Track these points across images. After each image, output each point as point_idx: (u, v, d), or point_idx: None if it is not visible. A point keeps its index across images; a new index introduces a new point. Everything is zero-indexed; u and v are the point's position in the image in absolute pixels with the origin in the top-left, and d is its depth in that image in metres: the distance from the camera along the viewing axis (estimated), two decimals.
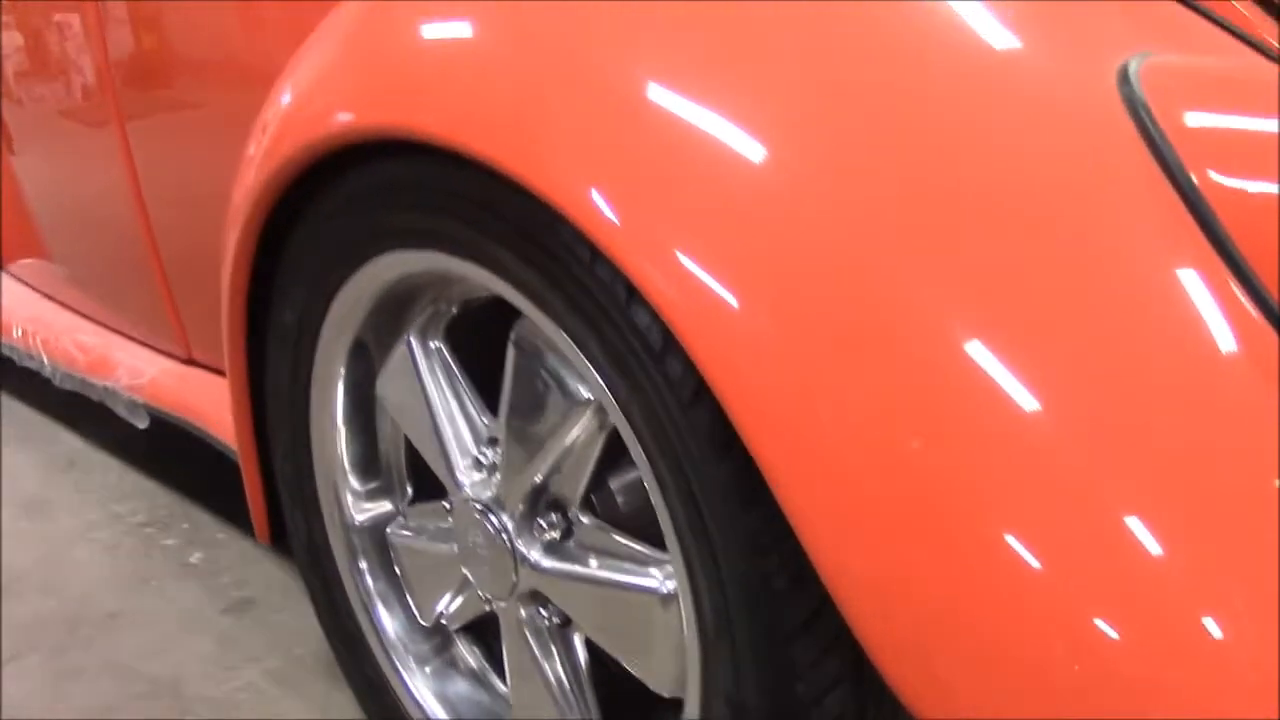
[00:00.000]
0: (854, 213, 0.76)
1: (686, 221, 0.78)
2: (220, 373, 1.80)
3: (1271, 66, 0.86)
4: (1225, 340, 0.72)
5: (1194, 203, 0.76)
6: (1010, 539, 0.69)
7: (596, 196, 0.80)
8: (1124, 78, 0.81)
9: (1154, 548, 0.67)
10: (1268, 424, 0.71)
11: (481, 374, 1.12)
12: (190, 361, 1.87)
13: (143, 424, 1.90)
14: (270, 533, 1.41)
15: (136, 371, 1.91)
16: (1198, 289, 0.74)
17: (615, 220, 0.80)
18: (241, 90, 1.48)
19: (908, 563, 0.71)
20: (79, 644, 1.65)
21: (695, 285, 0.76)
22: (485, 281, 0.98)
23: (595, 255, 0.83)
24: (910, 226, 0.75)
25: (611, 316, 0.85)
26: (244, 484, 1.39)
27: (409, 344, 1.14)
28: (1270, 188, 0.76)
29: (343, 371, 1.19)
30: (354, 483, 1.29)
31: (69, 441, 2.28)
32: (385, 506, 1.29)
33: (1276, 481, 0.69)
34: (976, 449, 0.70)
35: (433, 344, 1.13)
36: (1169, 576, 0.68)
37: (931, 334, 0.72)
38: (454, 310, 1.12)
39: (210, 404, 1.72)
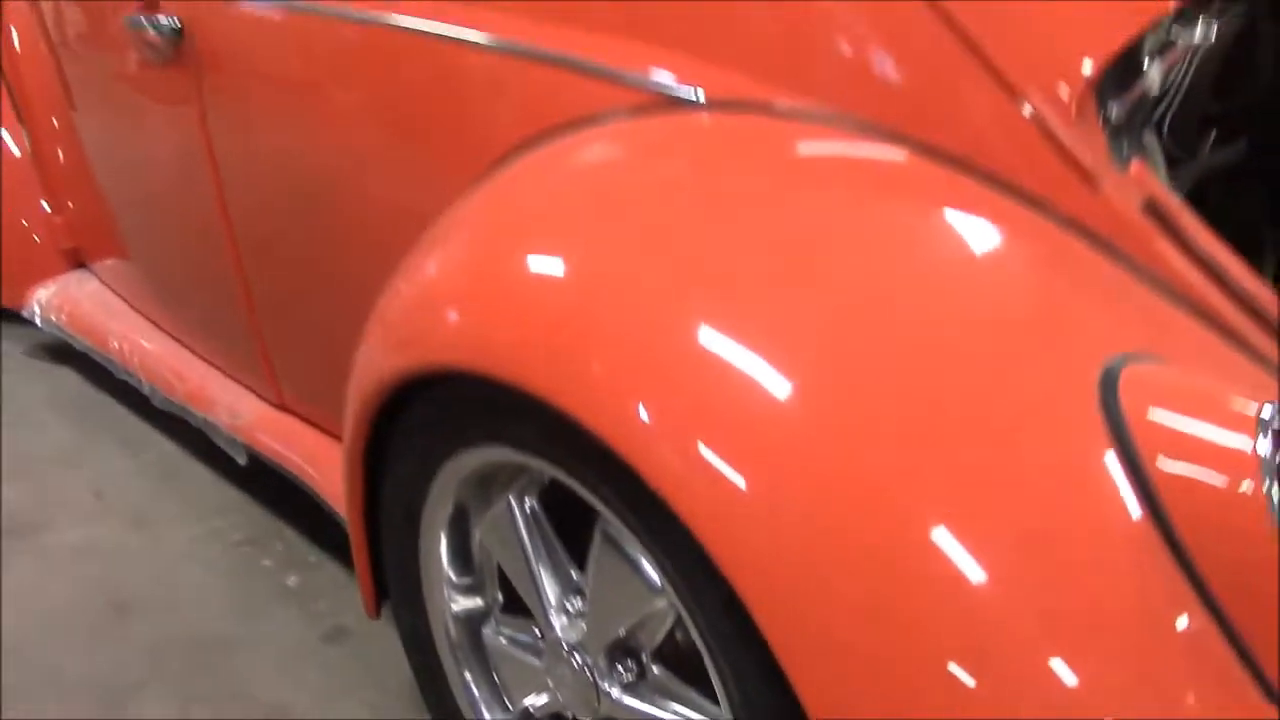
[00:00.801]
0: (851, 435, 0.97)
1: (713, 446, 0.98)
2: (312, 424, 2.03)
3: (1236, 383, 1.04)
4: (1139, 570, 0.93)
5: (1141, 480, 0.96)
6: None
7: (633, 428, 1.01)
8: (1108, 373, 1.01)
9: None
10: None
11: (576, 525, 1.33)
12: (282, 406, 2.09)
13: (241, 460, 2.13)
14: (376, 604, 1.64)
15: (235, 411, 2.13)
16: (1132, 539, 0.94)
17: (649, 446, 1.01)
18: (337, 173, 1.68)
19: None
20: (200, 670, 1.91)
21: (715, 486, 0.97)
22: (560, 477, 1.20)
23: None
24: (901, 460, 0.96)
25: (659, 527, 1.06)
26: (354, 561, 1.62)
27: (508, 502, 1.35)
28: (1208, 475, 0.96)
29: (448, 517, 1.41)
30: (451, 575, 1.52)
31: (165, 447, 2.52)
32: (478, 602, 1.52)
33: None
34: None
35: (529, 504, 1.35)
36: None
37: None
38: (546, 480, 1.34)
39: (309, 458, 1.95)
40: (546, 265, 1.18)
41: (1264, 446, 0.91)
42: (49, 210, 2.82)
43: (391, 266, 1.39)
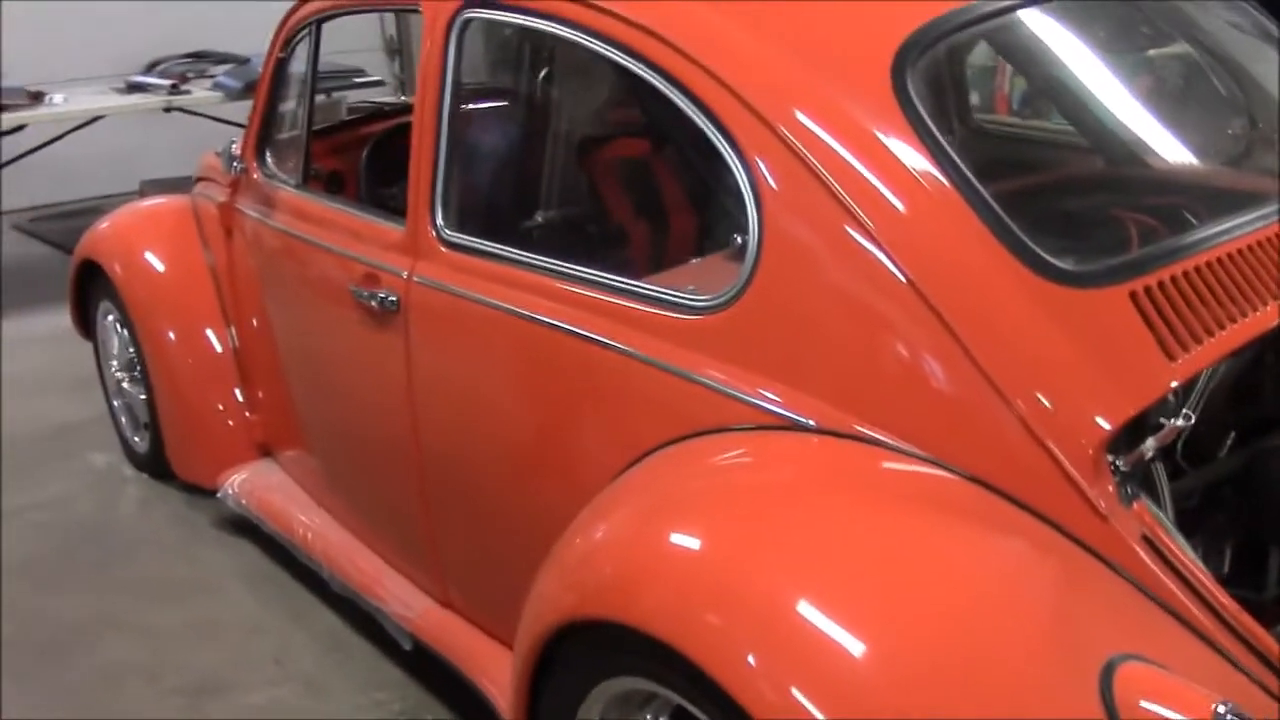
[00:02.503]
0: (908, 694, 1.35)
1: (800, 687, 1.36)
2: (473, 623, 2.44)
3: (1207, 681, 1.41)
4: None
5: None
6: None
7: (741, 670, 1.40)
8: (1107, 667, 1.38)
9: None
10: None
11: None
12: (447, 605, 2.51)
13: (407, 646, 2.55)
14: None
15: (405, 604, 2.56)
16: None
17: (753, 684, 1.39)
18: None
19: None
20: None
21: None
22: (684, 704, 1.58)
23: None
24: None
25: None
26: None
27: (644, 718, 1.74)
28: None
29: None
30: None
31: (331, 619, 2.94)
32: None
33: None
34: None
35: None
36: None
37: None
38: (674, 704, 1.72)
39: (468, 653, 2.36)
40: (684, 544, 1.59)
41: None
42: (243, 404, 3.33)
43: (550, 512, 1.83)
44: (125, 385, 3.74)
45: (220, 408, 3.36)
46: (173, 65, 6.29)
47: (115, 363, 3.78)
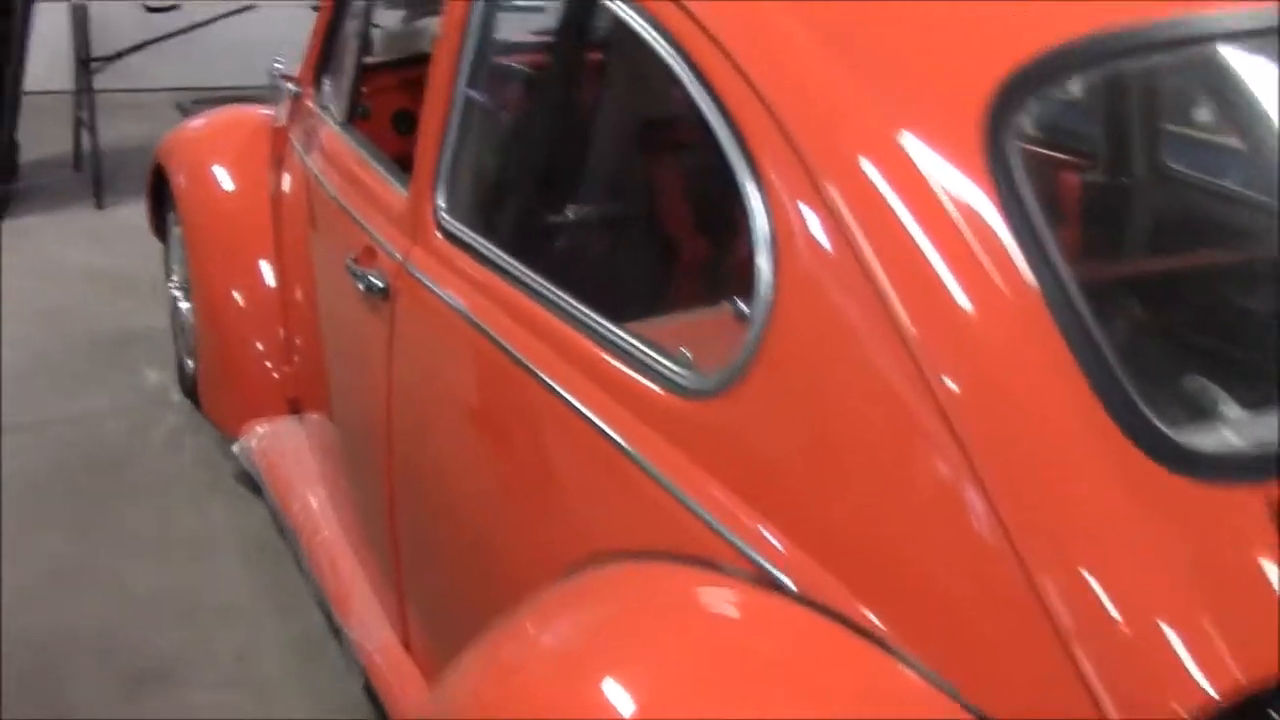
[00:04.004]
0: None
1: None
2: (429, 675, 2.04)
3: None
4: None
5: None
6: None
7: None
8: None
9: None
10: None
11: None
12: (406, 644, 2.12)
13: (357, 683, 2.17)
14: None
15: (367, 632, 2.18)
16: None
17: None
18: None
19: None
20: None
21: None
22: None
23: None
24: None
25: None
26: None
27: None
28: None
29: None
30: None
31: (315, 619, 2.59)
32: None
33: None
34: None
35: None
36: None
37: None
38: None
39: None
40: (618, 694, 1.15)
41: None
42: (282, 350, 2.98)
43: (505, 569, 1.49)
44: (181, 304, 3.45)
45: (259, 348, 3.01)
46: None
47: (176, 279, 3.50)
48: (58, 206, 5.11)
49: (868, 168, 1.20)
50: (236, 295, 3.05)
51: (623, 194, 2.13)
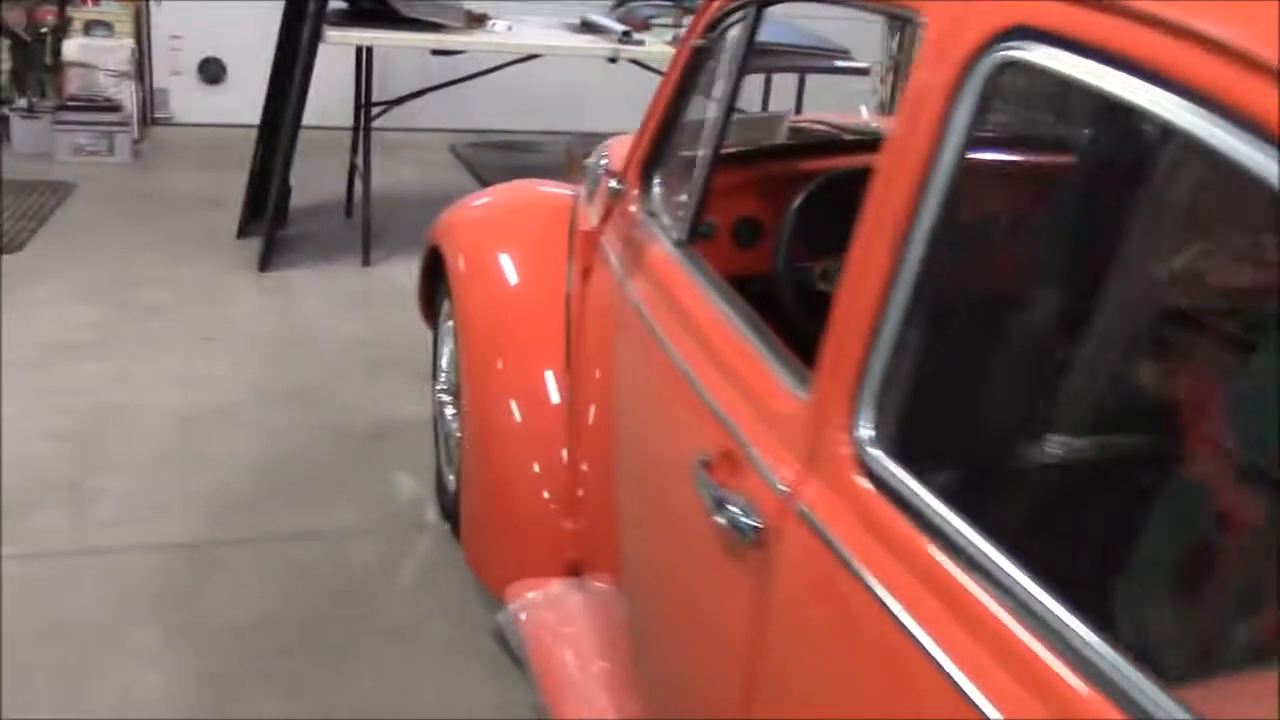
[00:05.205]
0: None
1: None
2: None
3: None
4: None
5: None
6: None
7: None
8: None
9: None
10: None
11: None
12: None
13: None
14: None
15: None
16: None
17: None
18: None
19: None
20: None
21: None
22: None
23: None
24: None
25: None
26: None
27: None
28: None
29: None
30: None
31: None
32: None
33: None
34: None
35: None
36: None
37: None
38: None
39: None
40: None
41: None
42: (565, 497, 2.39)
43: None
44: (447, 411, 2.93)
45: (539, 491, 2.42)
46: (641, 7, 5.51)
47: (443, 379, 2.99)
48: (323, 259, 4.76)
49: None
50: (515, 413, 2.48)
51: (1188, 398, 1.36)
